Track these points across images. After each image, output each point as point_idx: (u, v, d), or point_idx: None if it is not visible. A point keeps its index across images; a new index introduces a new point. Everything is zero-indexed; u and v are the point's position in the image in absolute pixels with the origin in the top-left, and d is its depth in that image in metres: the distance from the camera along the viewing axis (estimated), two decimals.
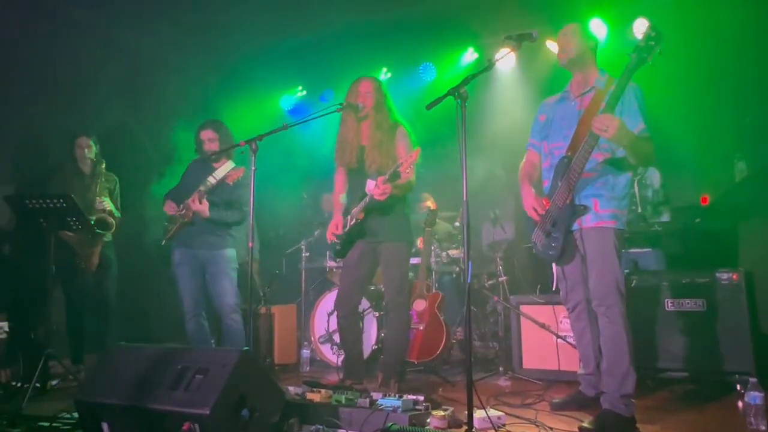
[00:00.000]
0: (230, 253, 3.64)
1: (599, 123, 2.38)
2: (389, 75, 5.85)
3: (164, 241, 3.68)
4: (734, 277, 3.19)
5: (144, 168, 4.87)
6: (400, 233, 3.27)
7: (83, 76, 4.63)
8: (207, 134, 3.67)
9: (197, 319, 3.58)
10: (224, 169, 3.63)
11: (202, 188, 3.52)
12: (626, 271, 3.53)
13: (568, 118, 2.73)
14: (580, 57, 2.72)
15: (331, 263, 4.83)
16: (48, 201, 3.35)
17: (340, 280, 3.80)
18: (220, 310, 3.59)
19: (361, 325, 4.19)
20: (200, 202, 3.48)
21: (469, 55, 5.54)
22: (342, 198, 3.43)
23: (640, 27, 4.62)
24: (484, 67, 2.59)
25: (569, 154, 2.61)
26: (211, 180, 3.54)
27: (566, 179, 2.59)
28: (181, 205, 3.57)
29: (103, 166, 4.07)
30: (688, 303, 3.29)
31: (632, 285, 3.46)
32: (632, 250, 3.86)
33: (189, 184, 3.64)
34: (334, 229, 3.31)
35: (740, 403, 2.77)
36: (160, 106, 5.27)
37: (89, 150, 4.07)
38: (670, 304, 3.34)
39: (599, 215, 2.61)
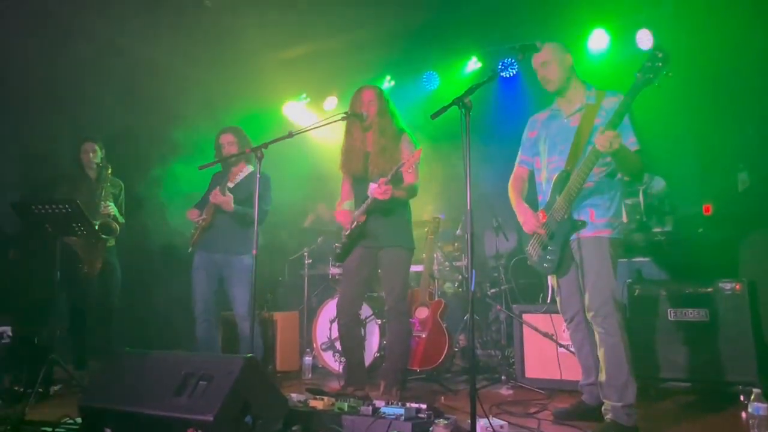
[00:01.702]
0: (248, 259, 3.65)
1: (604, 142, 2.38)
2: (392, 83, 5.88)
3: (190, 249, 3.76)
4: (737, 287, 3.19)
5: (148, 174, 4.89)
6: (401, 238, 3.27)
7: (89, 83, 4.66)
8: (227, 138, 3.76)
9: (206, 324, 3.63)
10: (244, 172, 3.72)
11: (220, 186, 3.61)
12: (629, 280, 3.53)
13: (563, 134, 2.74)
14: (564, 81, 2.73)
15: (333, 270, 4.84)
16: (53, 207, 3.37)
17: (340, 287, 3.81)
18: (236, 315, 3.69)
19: (363, 332, 4.19)
20: (223, 194, 3.54)
21: (473, 64, 5.57)
22: (347, 206, 3.44)
23: (642, 38, 4.65)
24: (488, 77, 2.61)
25: (568, 168, 2.63)
26: (229, 184, 3.63)
27: (565, 194, 2.61)
28: (204, 210, 3.66)
29: (110, 171, 4.11)
30: (690, 313, 3.29)
31: (635, 294, 3.46)
32: (636, 259, 3.86)
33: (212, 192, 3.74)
34: (346, 224, 3.32)
35: (744, 414, 2.77)
36: (165, 113, 5.30)
37: (95, 155, 4.11)
38: (672, 314, 3.34)
39: (595, 225, 2.63)
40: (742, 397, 3.02)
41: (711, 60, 4.09)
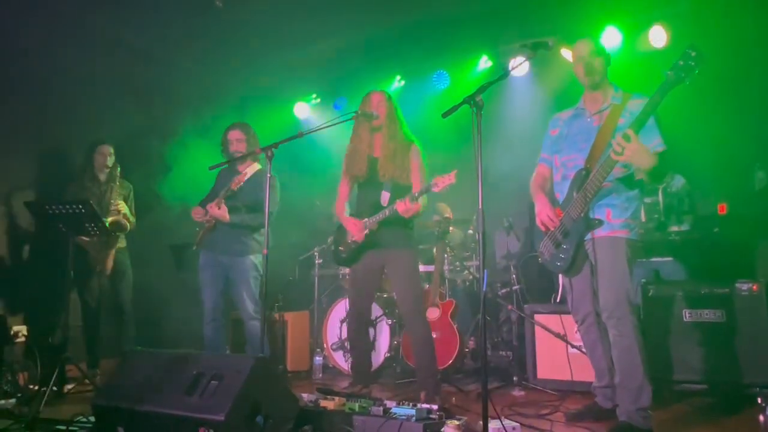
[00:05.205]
0: (252, 260, 3.65)
1: (616, 144, 2.34)
2: (403, 83, 5.86)
3: (195, 247, 3.73)
4: (754, 287, 3.14)
5: (158, 174, 4.92)
6: (404, 240, 3.26)
7: (100, 83, 4.70)
8: (235, 134, 3.74)
9: (215, 324, 3.63)
10: (250, 171, 3.66)
11: (221, 193, 3.57)
12: (643, 280, 3.49)
13: (585, 133, 2.71)
14: (602, 76, 2.71)
15: (344, 270, 4.83)
16: (67, 207, 3.40)
17: (349, 293, 3.81)
18: (242, 316, 3.67)
19: (372, 332, 4.19)
20: (218, 207, 3.53)
21: (484, 63, 5.53)
22: (345, 206, 3.43)
23: (656, 35, 4.59)
24: (500, 75, 2.59)
25: (588, 166, 2.60)
26: (233, 188, 3.57)
27: (583, 192, 2.58)
28: (204, 211, 3.62)
29: (119, 170, 4.14)
30: (706, 314, 3.24)
31: (649, 294, 3.41)
32: (654, 259, 3.81)
33: (217, 191, 3.70)
34: (358, 234, 3.25)
35: (761, 417, 2.73)
36: (176, 112, 5.34)
37: (110, 157, 4.16)
38: (688, 315, 3.29)
39: (612, 225, 2.60)
40: (759, 400, 2.96)
41: (727, 58, 4.02)
